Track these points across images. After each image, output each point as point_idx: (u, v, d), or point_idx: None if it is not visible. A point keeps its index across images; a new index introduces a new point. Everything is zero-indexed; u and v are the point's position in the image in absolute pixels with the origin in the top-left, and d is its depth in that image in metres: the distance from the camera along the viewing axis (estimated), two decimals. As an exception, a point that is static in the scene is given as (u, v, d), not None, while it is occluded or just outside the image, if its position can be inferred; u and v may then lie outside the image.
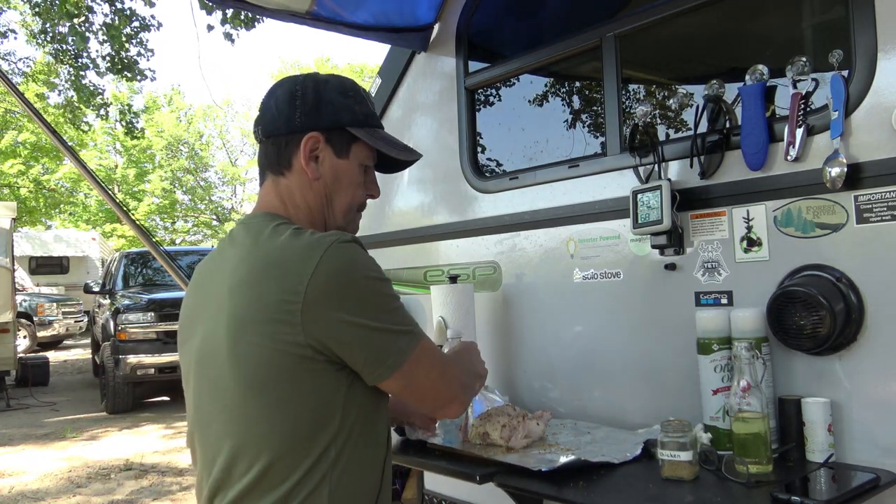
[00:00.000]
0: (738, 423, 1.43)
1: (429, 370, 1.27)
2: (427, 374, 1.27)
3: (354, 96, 1.38)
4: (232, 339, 1.21)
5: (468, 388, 1.39)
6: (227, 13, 8.98)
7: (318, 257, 1.17)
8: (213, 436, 1.25)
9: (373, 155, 1.41)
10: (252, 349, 1.19)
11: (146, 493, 5.16)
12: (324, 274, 1.17)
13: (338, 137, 1.35)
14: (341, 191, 1.37)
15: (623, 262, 1.97)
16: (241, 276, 1.22)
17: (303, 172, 1.34)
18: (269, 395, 1.19)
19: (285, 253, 1.20)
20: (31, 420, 7.94)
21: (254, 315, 1.19)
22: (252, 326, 1.19)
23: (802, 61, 1.61)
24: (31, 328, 13.10)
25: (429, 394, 1.31)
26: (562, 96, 2.47)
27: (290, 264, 1.18)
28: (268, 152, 1.37)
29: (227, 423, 1.23)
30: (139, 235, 3.63)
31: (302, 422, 1.19)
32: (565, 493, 1.41)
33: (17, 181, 20.56)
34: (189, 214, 29.42)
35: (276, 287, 1.17)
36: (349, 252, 1.21)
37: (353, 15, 2.48)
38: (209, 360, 1.25)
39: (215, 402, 1.25)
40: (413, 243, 2.66)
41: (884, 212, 1.48)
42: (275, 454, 1.18)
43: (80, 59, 10.67)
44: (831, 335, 1.49)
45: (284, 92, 1.36)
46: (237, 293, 1.21)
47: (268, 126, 1.36)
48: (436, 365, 1.29)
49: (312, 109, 1.33)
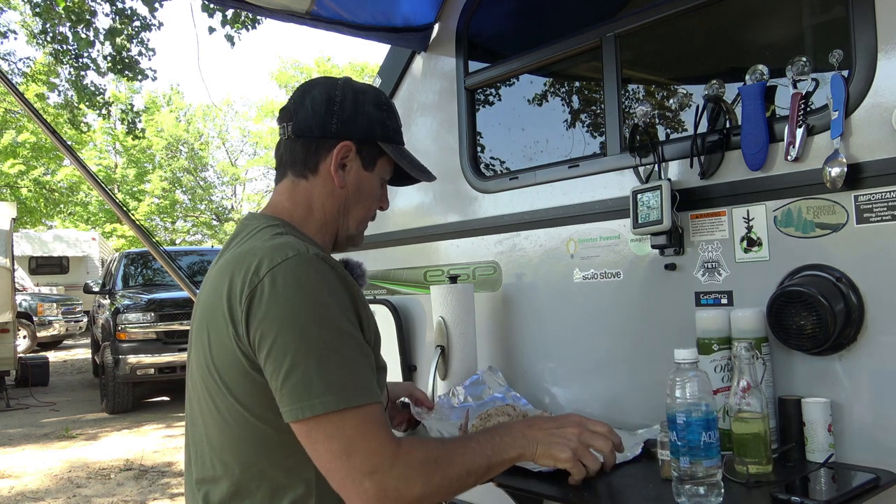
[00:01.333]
0: (738, 424, 1.43)
1: (329, 443, 1.07)
2: (327, 447, 1.08)
3: (388, 111, 1.40)
4: (198, 338, 1.22)
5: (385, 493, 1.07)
6: (227, 15, 8.99)
7: (276, 262, 1.13)
8: (196, 435, 1.27)
9: (392, 170, 1.43)
10: (212, 348, 1.18)
11: (146, 493, 5.16)
12: (273, 278, 1.11)
13: (368, 150, 1.36)
14: (360, 202, 1.38)
15: (623, 262, 1.97)
16: (211, 275, 1.24)
17: (329, 179, 1.33)
18: (232, 396, 1.17)
19: (252, 253, 1.18)
20: (31, 420, 7.95)
21: (212, 313, 1.18)
22: (211, 325, 1.18)
23: (802, 61, 1.61)
24: (31, 328, 13.10)
25: (324, 468, 1.10)
26: (562, 96, 2.47)
27: (248, 265, 1.15)
28: (294, 151, 1.35)
29: (204, 424, 1.23)
30: (139, 235, 3.63)
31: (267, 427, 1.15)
32: (565, 493, 1.41)
33: (17, 181, 20.55)
34: (189, 214, 29.42)
35: (231, 286, 1.16)
36: (312, 269, 1.14)
37: (353, 15, 2.48)
38: (190, 362, 1.28)
39: (197, 404, 1.26)
40: (413, 243, 2.66)
41: (884, 212, 1.48)
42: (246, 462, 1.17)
43: (81, 59, 10.68)
44: (831, 335, 1.49)
45: (321, 94, 1.34)
46: (207, 293, 1.22)
47: (300, 125, 1.33)
48: (339, 442, 1.07)
49: (350, 118, 1.33)
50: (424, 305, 2.55)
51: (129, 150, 26.96)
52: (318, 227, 1.35)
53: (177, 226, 29.21)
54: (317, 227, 1.35)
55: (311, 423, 1.08)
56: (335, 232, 1.38)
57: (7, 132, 19.71)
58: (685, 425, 1.27)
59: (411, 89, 2.74)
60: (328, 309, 1.12)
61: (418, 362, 2.59)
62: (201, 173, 29.69)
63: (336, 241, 1.41)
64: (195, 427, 1.27)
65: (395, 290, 2.70)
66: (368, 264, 2.72)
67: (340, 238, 1.40)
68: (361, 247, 2.62)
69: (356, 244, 1.45)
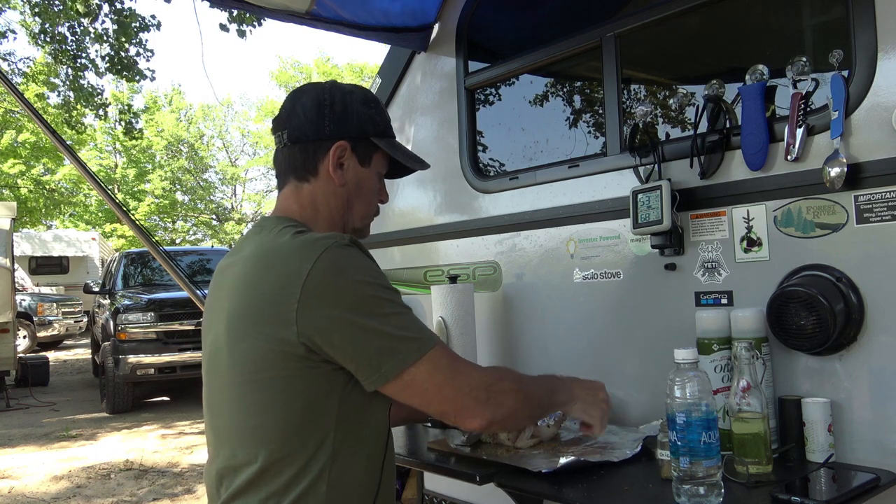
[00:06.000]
0: (738, 424, 1.43)
1: (432, 376, 1.22)
2: (431, 380, 1.22)
3: (376, 107, 1.44)
4: (230, 336, 1.25)
5: (490, 404, 1.27)
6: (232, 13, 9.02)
7: (315, 257, 1.19)
8: (219, 427, 1.31)
9: (387, 164, 1.48)
10: (248, 345, 1.22)
11: (146, 493, 5.16)
12: (320, 273, 1.18)
13: (362, 147, 1.41)
14: (362, 197, 1.44)
15: (623, 262, 1.97)
16: (242, 274, 1.27)
17: (329, 179, 1.38)
18: (264, 391, 1.22)
19: (284, 252, 1.23)
20: (31, 420, 7.94)
21: (250, 312, 1.22)
22: (248, 323, 1.22)
23: (802, 61, 1.61)
24: (31, 328, 13.09)
25: (434, 402, 1.25)
26: (562, 96, 2.47)
27: (288, 263, 1.21)
28: (293, 157, 1.40)
29: (229, 416, 1.28)
30: (139, 235, 3.63)
31: (295, 418, 1.21)
32: (565, 493, 1.41)
33: (17, 181, 20.55)
34: (189, 214, 29.42)
35: (273, 285, 1.20)
36: (347, 254, 1.22)
37: (352, 15, 2.49)
38: (216, 356, 1.30)
39: (221, 395, 1.30)
40: (413, 243, 2.66)
41: (884, 212, 1.48)
42: (270, 449, 1.21)
43: (80, 60, 10.67)
44: (831, 335, 1.49)
45: (311, 99, 1.39)
46: (237, 290, 1.26)
47: (294, 132, 1.39)
48: (441, 371, 1.24)
49: (341, 118, 1.38)
50: (424, 305, 2.55)
51: (129, 150, 26.95)
52: (327, 226, 1.40)
53: (177, 226, 29.20)
54: (326, 225, 1.40)
55: (413, 369, 1.20)
56: (342, 228, 1.43)
57: (7, 132, 19.70)
58: (685, 425, 1.27)
59: (411, 89, 2.74)
60: (378, 278, 1.24)
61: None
62: (202, 173, 29.69)
63: None
64: (218, 418, 1.31)
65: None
66: (368, 264, 2.73)
67: (347, 233, 1.44)
68: (361, 247, 2.63)
69: (363, 237, 1.49)
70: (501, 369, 1.41)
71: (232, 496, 1.25)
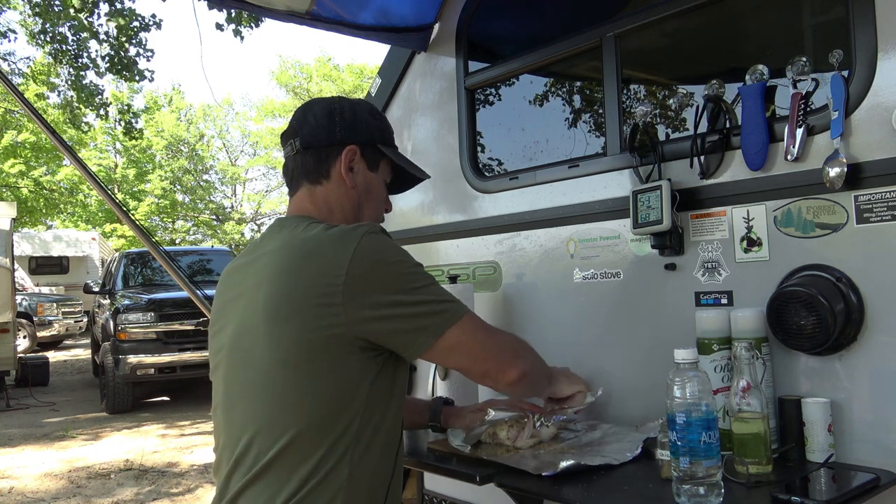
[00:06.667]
0: (738, 424, 1.43)
1: (474, 334, 1.35)
2: (474, 338, 1.35)
3: (381, 119, 1.54)
4: (271, 322, 1.29)
5: (523, 357, 1.44)
6: (232, 12, 9.02)
7: (354, 245, 1.27)
8: (238, 416, 1.34)
9: (391, 174, 1.56)
10: (291, 331, 1.27)
11: (146, 493, 5.16)
12: (360, 259, 1.26)
13: (370, 153, 1.50)
14: (371, 201, 1.51)
15: (623, 262, 1.97)
16: (281, 264, 1.31)
17: (341, 181, 1.46)
18: (301, 374, 1.27)
19: (322, 242, 1.30)
20: (31, 420, 7.94)
21: (294, 299, 1.27)
22: (292, 310, 1.27)
23: (802, 61, 1.61)
24: (31, 328, 13.08)
25: (479, 359, 1.37)
26: (562, 96, 2.47)
27: (328, 252, 1.28)
28: (306, 163, 1.47)
29: (254, 401, 1.31)
30: (139, 235, 3.62)
31: (327, 399, 1.26)
32: (565, 493, 1.41)
33: (17, 181, 20.55)
34: (189, 214, 29.41)
35: (317, 272, 1.27)
36: (381, 240, 1.31)
37: (353, 15, 2.49)
38: (244, 345, 1.34)
39: (245, 382, 1.33)
40: (413, 243, 2.65)
41: (884, 212, 1.48)
42: (301, 428, 1.26)
43: (80, 60, 10.67)
44: (831, 335, 1.49)
45: (322, 109, 1.48)
46: (277, 279, 1.30)
47: (307, 137, 1.46)
48: (480, 330, 1.38)
49: (351, 125, 1.47)
50: (424, 305, 2.54)
51: (129, 150, 26.94)
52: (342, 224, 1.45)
53: (177, 226, 29.19)
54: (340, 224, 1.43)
55: (456, 330, 1.32)
56: None
57: (7, 132, 19.70)
58: (685, 425, 1.27)
59: (411, 89, 2.74)
60: (410, 258, 1.34)
61: (418, 362, 2.59)
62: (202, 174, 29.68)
63: None
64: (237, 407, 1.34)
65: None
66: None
67: None
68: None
69: None
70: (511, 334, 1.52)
71: (255, 476, 1.27)
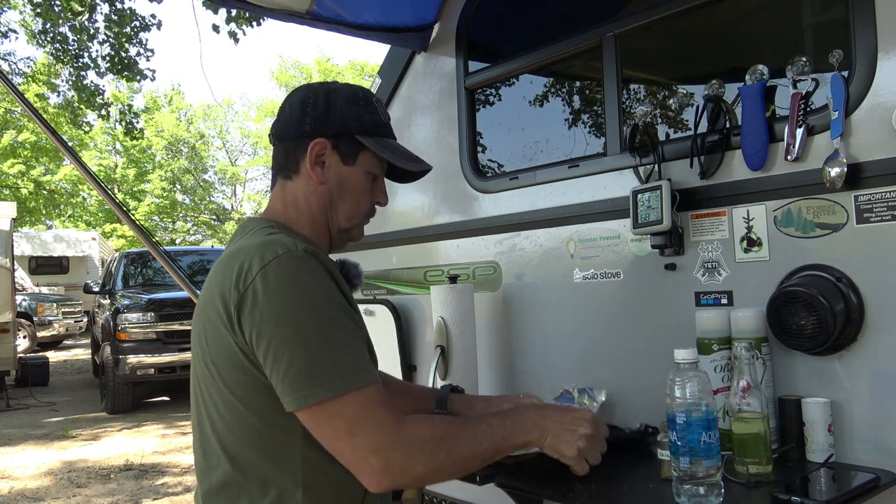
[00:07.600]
0: (738, 424, 1.43)
1: (331, 423, 1.14)
2: (332, 429, 1.14)
3: (366, 105, 1.39)
4: (198, 335, 1.27)
5: (386, 472, 1.14)
6: (231, 13, 9.02)
7: (267, 261, 1.17)
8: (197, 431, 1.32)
9: (382, 164, 1.44)
10: (209, 344, 1.24)
11: (146, 493, 5.16)
12: (266, 278, 1.16)
13: (345, 145, 1.38)
14: (345, 196, 1.40)
15: (623, 262, 1.97)
16: (210, 277, 1.28)
17: (309, 177, 1.37)
18: (227, 389, 1.22)
19: (241, 252, 1.22)
20: (31, 420, 7.94)
21: (208, 311, 1.23)
22: (207, 322, 1.24)
23: (802, 61, 1.61)
24: (31, 328, 13.08)
25: (331, 450, 1.17)
26: (562, 96, 2.47)
27: (240, 263, 1.19)
28: (277, 156, 1.42)
29: (205, 420, 1.28)
30: (139, 235, 3.63)
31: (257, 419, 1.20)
32: (565, 493, 1.41)
33: (17, 181, 20.54)
34: (189, 214, 29.41)
35: (224, 285, 1.20)
36: (298, 264, 1.18)
37: (353, 15, 2.49)
38: (194, 359, 1.32)
39: (199, 397, 1.31)
40: (413, 243, 2.66)
41: (884, 212, 1.48)
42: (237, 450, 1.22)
43: (81, 60, 10.67)
44: (831, 335, 1.49)
45: (298, 98, 1.40)
46: (204, 293, 1.28)
47: (279, 130, 1.40)
48: (343, 422, 1.13)
49: (321, 116, 1.36)
50: (424, 305, 2.55)
51: (129, 150, 26.94)
52: (309, 225, 1.39)
53: (177, 226, 29.19)
54: (308, 224, 1.39)
55: (315, 409, 1.13)
56: (326, 228, 1.41)
57: (7, 132, 19.70)
58: (685, 425, 1.27)
59: (411, 89, 2.74)
60: (320, 300, 1.18)
61: (418, 362, 2.60)
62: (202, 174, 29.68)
63: (330, 237, 1.43)
64: (198, 423, 1.32)
65: (395, 290, 2.70)
66: (369, 264, 2.73)
67: (333, 234, 1.43)
68: (362, 247, 2.63)
69: (354, 239, 1.47)
70: (428, 426, 1.22)
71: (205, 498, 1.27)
